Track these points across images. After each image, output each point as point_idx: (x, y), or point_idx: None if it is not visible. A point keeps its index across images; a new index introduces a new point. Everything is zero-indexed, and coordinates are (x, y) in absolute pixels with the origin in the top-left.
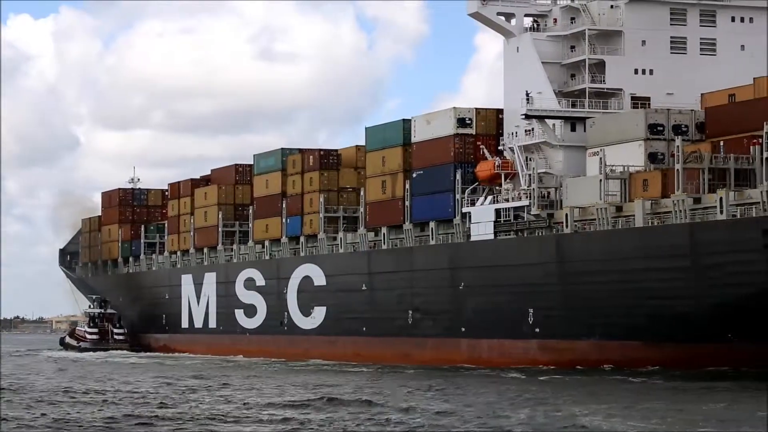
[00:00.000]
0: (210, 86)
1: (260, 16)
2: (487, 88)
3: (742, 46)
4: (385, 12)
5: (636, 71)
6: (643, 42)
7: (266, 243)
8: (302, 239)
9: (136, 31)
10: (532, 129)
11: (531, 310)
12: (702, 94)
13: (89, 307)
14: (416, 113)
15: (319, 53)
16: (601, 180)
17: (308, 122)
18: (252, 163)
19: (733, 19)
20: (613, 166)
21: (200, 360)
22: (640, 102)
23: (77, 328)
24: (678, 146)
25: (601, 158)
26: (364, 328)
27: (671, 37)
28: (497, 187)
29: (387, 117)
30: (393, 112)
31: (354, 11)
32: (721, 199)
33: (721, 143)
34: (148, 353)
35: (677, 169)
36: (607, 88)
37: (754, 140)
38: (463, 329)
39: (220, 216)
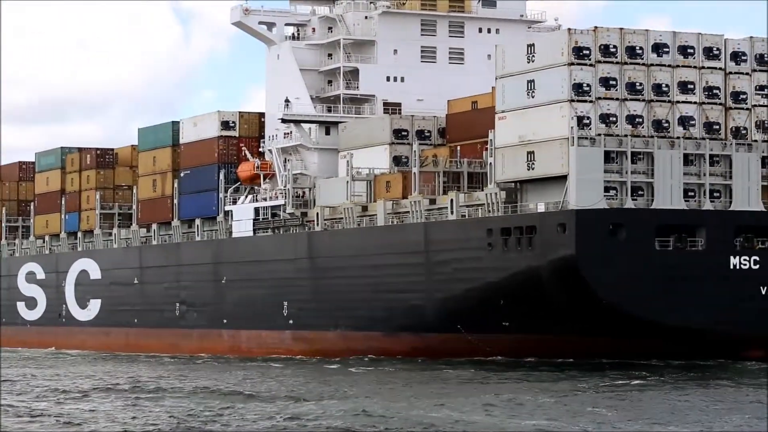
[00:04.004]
0: (24, 76)
1: (76, 5)
2: None
3: (489, 56)
4: (200, 4)
5: (388, 78)
6: (395, 51)
7: (46, 238)
8: (80, 234)
9: None
10: (291, 132)
11: (286, 303)
12: (449, 101)
13: None
14: (229, 107)
15: (135, 45)
16: (348, 181)
17: (123, 115)
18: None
19: (480, 30)
20: (359, 168)
21: None
22: (391, 108)
23: None
24: (415, 151)
25: (348, 161)
26: (136, 320)
27: (422, 47)
28: (257, 187)
29: (201, 110)
30: (207, 104)
31: (170, 3)
32: (452, 200)
33: (458, 148)
34: None
35: (414, 172)
36: (361, 95)
37: (486, 146)
38: (225, 321)
39: (3, 212)
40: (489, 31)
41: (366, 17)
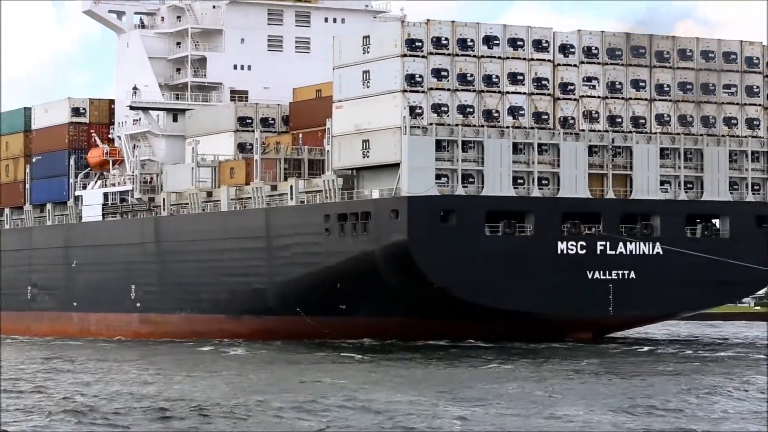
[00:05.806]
0: None
1: None
2: None
3: None
4: None
5: (235, 67)
6: (242, 40)
7: None
8: None
9: None
10: (139, 119)
11: (133, 287)
12: (294, 89)
13: None
14: (99, 93)
15: (7, 26)
16: (193, 168)
17: None
18: None
19: (326, 20)
20: (204, 155)
21: None
22: (238, 96)
23: None
24: (257, 138)
25: (194, 148)
26: None
27: (269, 36)
28: (107, 173)
29: (75, 93)
30: (81, 88)
31: None
32: (292, 187)
33: (300, 135)
34: None
35: (256, 159)
36: (208, 82)
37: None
38: (75, 304)
39: None
40: (335, 20)
41: (214, 7)
